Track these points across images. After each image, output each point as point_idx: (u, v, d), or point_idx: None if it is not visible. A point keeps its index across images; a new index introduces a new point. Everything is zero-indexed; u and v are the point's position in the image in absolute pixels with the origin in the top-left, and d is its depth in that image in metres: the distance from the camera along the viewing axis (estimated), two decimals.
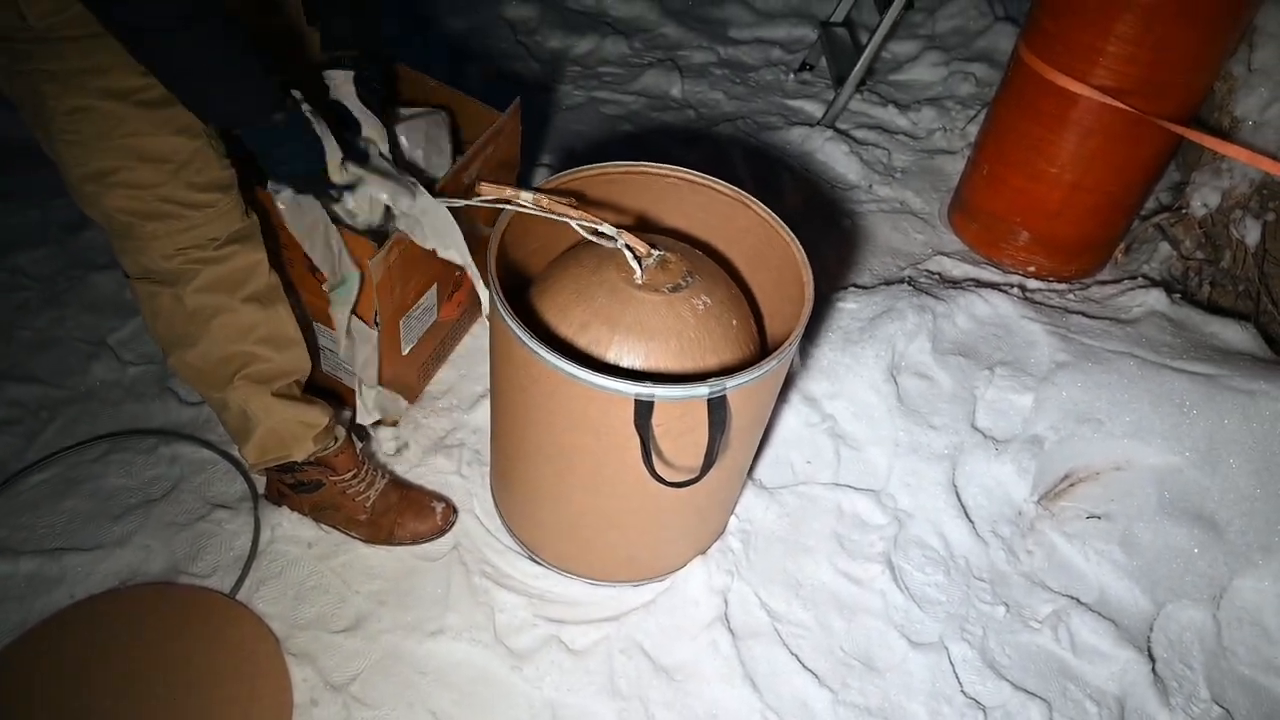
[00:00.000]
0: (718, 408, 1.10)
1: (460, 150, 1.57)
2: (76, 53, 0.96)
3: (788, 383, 1.72)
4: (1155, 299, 1.90)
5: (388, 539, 1.46)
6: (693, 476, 1.14)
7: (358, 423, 1.51)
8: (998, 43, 2.78)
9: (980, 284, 2.02)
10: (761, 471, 1.66)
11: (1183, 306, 1.88)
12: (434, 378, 1.74)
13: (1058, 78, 1.83)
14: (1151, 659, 1.47)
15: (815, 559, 1.55)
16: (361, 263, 1.31)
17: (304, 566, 1.44)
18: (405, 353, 1.54)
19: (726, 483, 1.39)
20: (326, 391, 1.53)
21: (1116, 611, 1.53)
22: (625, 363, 1.18)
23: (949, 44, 2.85)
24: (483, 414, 1.68)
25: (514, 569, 1.48)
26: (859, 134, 2.51)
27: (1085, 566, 1.58)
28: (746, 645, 1.42)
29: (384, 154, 1.30)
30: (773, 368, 1.14)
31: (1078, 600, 1.54)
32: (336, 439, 1.39)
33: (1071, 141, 1.89)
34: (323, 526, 1.47)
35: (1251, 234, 1.85)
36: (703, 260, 1.30)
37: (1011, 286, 2.03)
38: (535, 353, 1.09)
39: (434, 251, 1.34)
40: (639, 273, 1.20)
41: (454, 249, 1.33)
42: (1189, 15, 1.68)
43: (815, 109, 2.60)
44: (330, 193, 1.21)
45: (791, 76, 2.74)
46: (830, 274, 2.05)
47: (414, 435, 1.64)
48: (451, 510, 1.51)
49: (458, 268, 1.58)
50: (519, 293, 1.33)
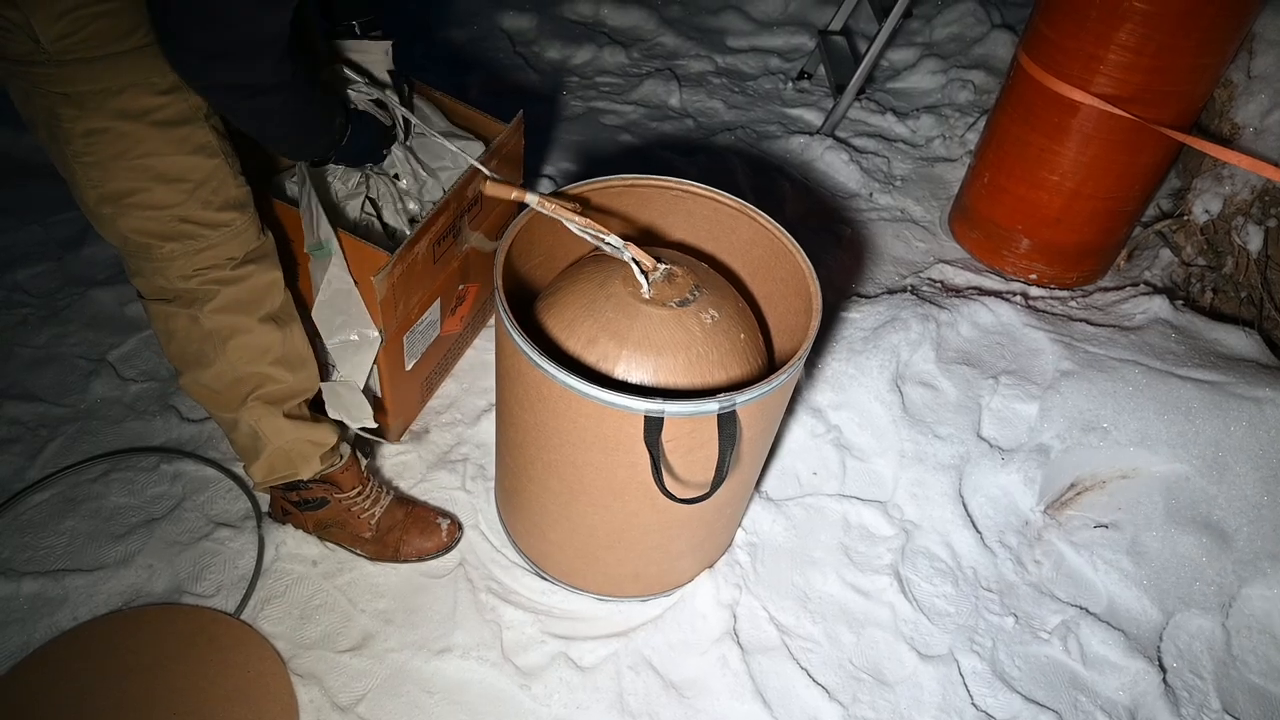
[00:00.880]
0: (728, 423, 1.09)
1: None
2: (91, 75, 0.95)
3: (793, 393, 1.71)
4: (1159, 306, 1.90)
5: (393, 556, 1.45)
6: (703, 493, 1.13)
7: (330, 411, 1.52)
8: (995, 50, 2.79)
9: (983, 292, 2.02)
10: (768, 483, 1.65)
11: (1186, 313, 1.88)
12: (437, 392, 1.73)
13: (1058, 85, 1.83)
14: (1162, 669, 1.47)
15: (823, 571, 1.54)
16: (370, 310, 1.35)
17: (309, 585, 1.43)
18: (408, 368, 1.53)
19: (735, 497, 1.38)
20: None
21: (1126, 621, 1.52)
22: (633, 378, 1.17)
23: (947, 51, 2.85)
24: (487, 428, 1.67)
25: (520, 585, 1.47)
26: (858, 142, 2.51)
27: (1093, 576, 1.58)
28: (756, 660, 1.41)
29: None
30: (782, 382, 1.13)
31: (1086, 610, 1.53)
32: (342, 456, 1.38)
33: (1072, 149, 1.89)
34: (327, 544, 1.46)
35: (1254, 240, 1.85)
36: (709, 273, 1.30)
37: (1014, 294, 2.03)
38: (544, 370, 1.08)
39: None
40: (646, 287, 1.20)
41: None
42: (1189, 23, 1.68)
43: (814, 117, 2.60)
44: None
45: (790, 85, 2.74)
46: (833, 283, 2.05)
47: (418, 450, 1.63)
48: (457, 526, 1.50)
49: (460, 281, 1.57)
50: (524, 306, 1.32)
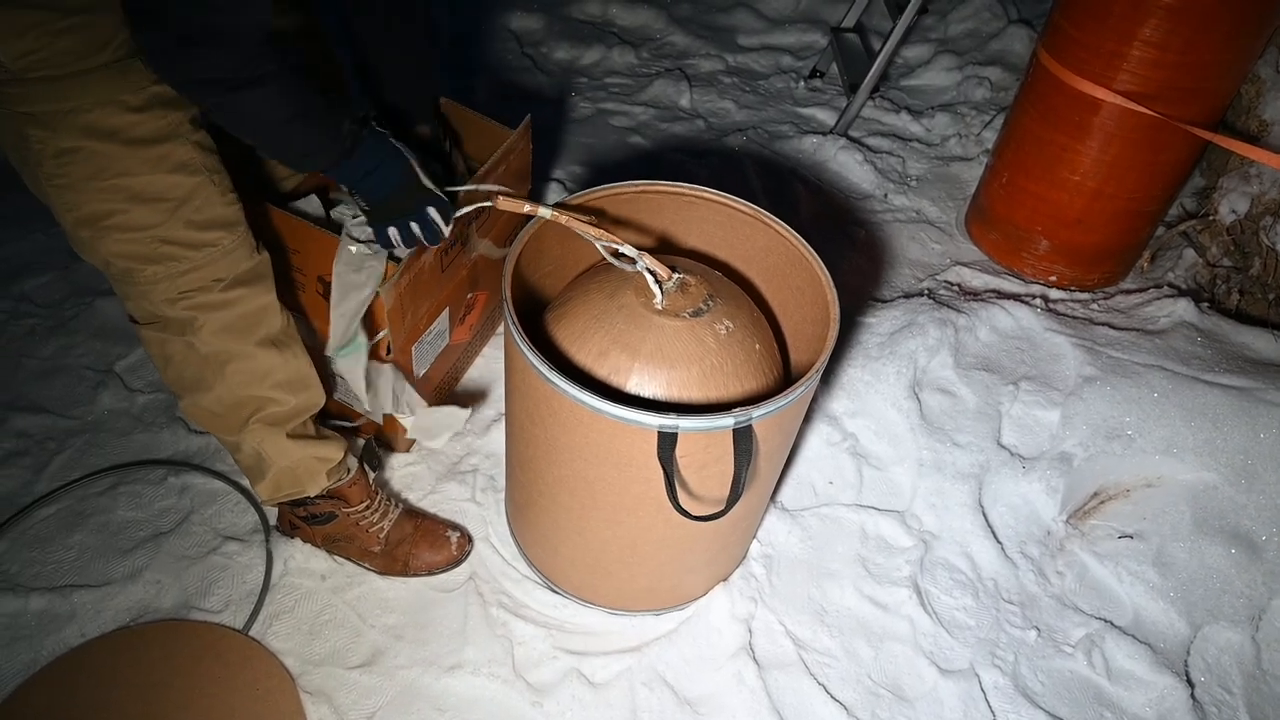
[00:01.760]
0: (743, 438, 1.06)
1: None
2: (59, 93, 0.92)
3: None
4: (1183, 309, 1.85)
5: (403, 570, 1.43)
6: (719, 510, 1.10)
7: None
8: (1012, 45, 2.74)
9: (1002, 295, 1.98)
10: (783, 493, 1.62)
11: (1211, 316, 1.84)
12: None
13: (1079, 83, 1.79)
14: (1190, 684, 1.43)
15: (840, 584, 1.51)
16: (376, 325, 1.32)
17: (318, 600, 1.41)
18: (418, 378, 1.51)
19: (751, 511, 1.35)
20: (336, 415, 1.50)
21: (1152, 634, 1.48)
22: (646, 392, 1.14)
23: (962, 47, 2.80)
24: (496, 438, 1.64)
25: (531, 599, 1.44)
26: (872, 142, 2.47)
27: (1118, 588, 1.54)
28: (772, 676, 1.38)
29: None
30: (798, 395, 1.10)
31: (1111, 623, 1.49)
32: (349, 470, 1.36)
33: (1094, 148, 1.84)
34: (336, 558, 1.44)
35: None
36: (723, 282, 1.27)
37: (1034, 297, 1.99)
38: (555, 385, 1.05)
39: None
40: (659, 297, 1.17)
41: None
42: (1215, 17, 1.63)
43: (827, 117, 2.56)
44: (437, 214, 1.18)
45: (802, 84, 2.70)
46: (847, 287, 2.01)
47: (427, 461, 1.60)
48: (466, 539, 1.48)
49: (469, 290, 1.55)
50: (534, 316, 1.29)
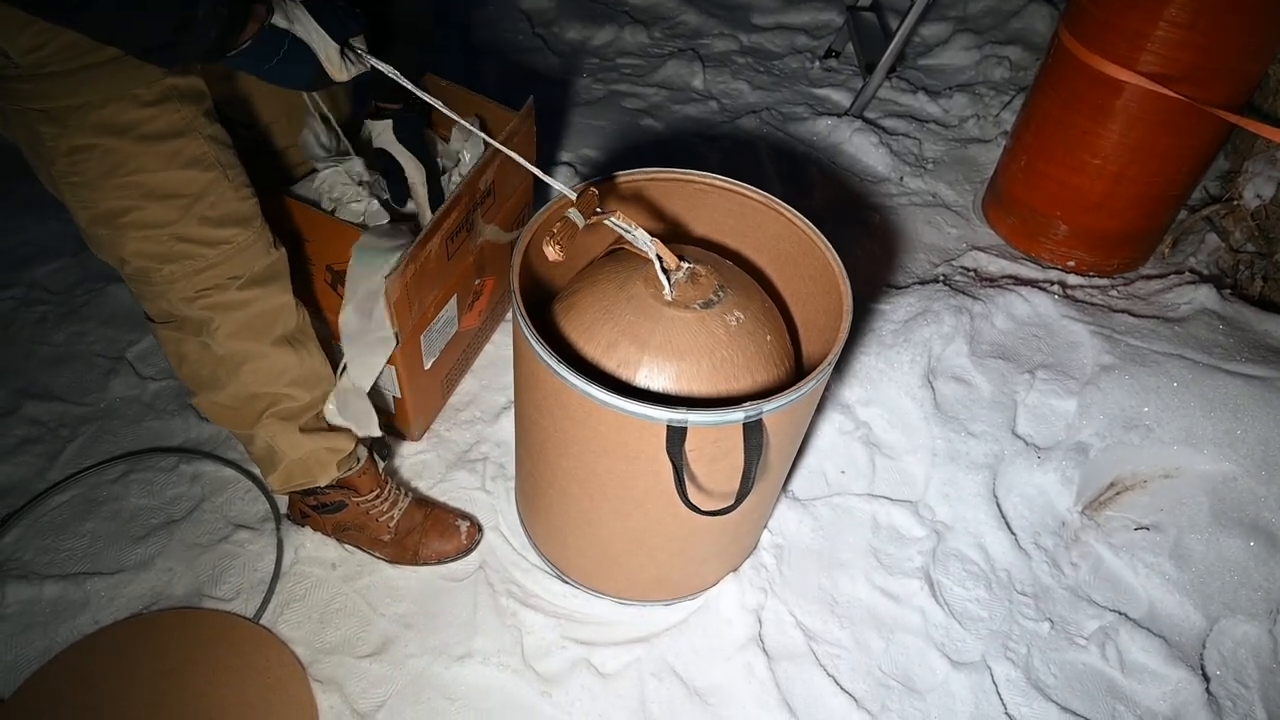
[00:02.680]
0: (754, 432, 1.05)
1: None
2: (69, 88, 0.90)
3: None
4: (1205, 295, 1.81)
5: (412, 559, 1.43)
6: (729, 504, 1.09)
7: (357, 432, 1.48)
8: (1033, 24, 2.68)
9: (1019, 281, 1.95)
10: (794, 483, 1.61)
11: (1234, 303, 1.80)
12: (457, 389, 1.70)
13: (1102, 64, 1.74)
14: (1205, 678, 1.41)
15: (851, 574, 1.50)
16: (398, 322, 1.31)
17: (328, 588, 1.41)
18: (428, 367, 1.50)
19: (762, 502, 1.34)
20: None
21: (1167, 627, 1.47)
22: (655, 385, 1.13)
23: (981, 26, 2.74)
24: (506, 426, 1.64)
25: (541, 588, 1.44)
26: (888, 123, 2.43)
27: (1133, 580, 1.52)
28: (782, 667, 1.38)
29: (426, 190, 1.37)
30: (810, 389, 1.08)
31: (1126, 616, 1.48)
32: (358, 460, 1.36)
33: (1115, 131, 1.80)
34: (346, 547, 1.44)
35: None
36: (734, 272, 1.25)
37: (1051, 283, 1.95)
38: (563, 378, 1.04)
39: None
40: (668, 288, 1.15)
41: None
42: None
43: (842, 98, 2.52)
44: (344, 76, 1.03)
45: (817, 64, 2.65)
46: (861, 273, 1.98)
47: (437, 449, 1.60)
48: (476, 528, 1.48)
49: (476, 276, 1.54)
50: (542, 305, 1.28)
